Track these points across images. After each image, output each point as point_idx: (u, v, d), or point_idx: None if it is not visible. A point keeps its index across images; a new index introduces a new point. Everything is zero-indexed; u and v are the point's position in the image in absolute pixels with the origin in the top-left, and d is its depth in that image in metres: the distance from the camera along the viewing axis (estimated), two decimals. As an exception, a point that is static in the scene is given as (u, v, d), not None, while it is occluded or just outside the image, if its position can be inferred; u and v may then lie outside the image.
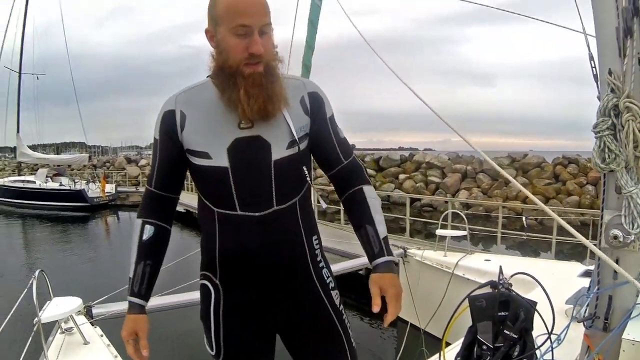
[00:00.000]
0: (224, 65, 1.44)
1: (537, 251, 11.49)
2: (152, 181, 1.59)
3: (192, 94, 1.54)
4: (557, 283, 3.79)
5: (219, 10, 1.43)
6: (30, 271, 10.39)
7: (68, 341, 3.03)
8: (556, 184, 21.75)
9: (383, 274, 1.51)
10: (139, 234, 1.57)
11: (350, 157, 1.67)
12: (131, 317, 1.54)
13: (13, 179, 28.37)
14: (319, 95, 1.62)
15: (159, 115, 1.54)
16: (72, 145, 69.67)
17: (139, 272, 1.55)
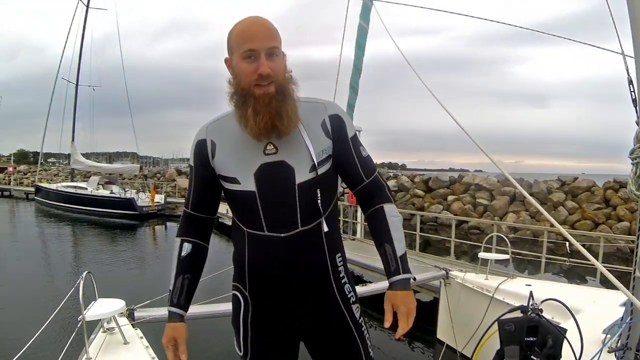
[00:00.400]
0: (238, 88, 1.57)
1: (584, 278, 11.15)
2: (189, 204, 1.76)
3: (221, 124, 1.68)
4: (597, 311, 3.71)
5: (232, 39, 1.58)
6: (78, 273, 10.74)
7: (109, 340, 3.15)
8: (606, 208, 21.00)
9: (396, 291, 1.57)
10: (178, 251, 1.73)
11: (372, 175, 1.72)
12: (171, 325, 1.67)
13: (66, 185, 29.38)
14: (339, 117, 1.68)
15: (193, 144, 1.70)
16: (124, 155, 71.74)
17: (177, 285, 1.69)
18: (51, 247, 17.14)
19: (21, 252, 15.33)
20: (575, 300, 4.00)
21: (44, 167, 47.68)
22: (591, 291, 4.90)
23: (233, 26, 1.59)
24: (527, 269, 12.15)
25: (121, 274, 12.08)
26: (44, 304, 8.05)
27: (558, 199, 22.37)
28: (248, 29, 1.54)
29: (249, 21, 1.56)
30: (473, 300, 5.39)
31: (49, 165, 61.18)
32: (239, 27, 1.56)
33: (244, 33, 1.54)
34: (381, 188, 1.74)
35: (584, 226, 19.95)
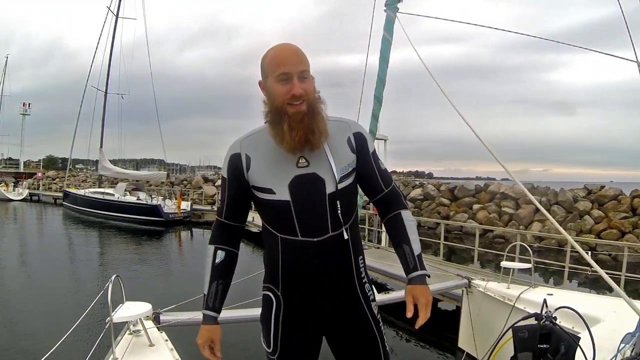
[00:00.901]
0: (272, 107, 1.72)
1: (609, 288, 10.97)
2: (223, 213, 1.89)
3: (254, 139, 1.81)
4: (617, 320, 3.70)
5: (265, 64, 1.74)
6: (105, 277, 10.92)
7: (135, 342, 3.25)
8: (633, 217, 20.58)
9: (416, 285, 1.77)
10: (212, 258, 1.85)
11: (390, 185, 1.93)
12: (207, 327, 1.83)
13: (93, 190, 29.82)
14: (362, 135, 1.87)
15: (226, 158, 1.82)
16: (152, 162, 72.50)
17: (212, 290, 1.84)
18: (79, 252, 17.45)
19: (50, 256, 15.61)
20: (596, 310, 3.99)
21: (72, 173, 48.51)
22: (612, 301, 4.87)
23: (266, 52, 1.75)
24: (552, 279, 12.03)
25: (147, 279, 12.27)
26: (72, 307, 8.25)
27: (584, 207, 22.04)
28: (281, 54, 1.71)
29: (281, 47, 1.73)
30: (494, 309, 5.39)
31: (77, 171, 62.21)
32: (272, 53, 1.73)
33: (278, 58, 1.70)
34: (398, 196, 1.94)
35: (610, 235, 19.62)
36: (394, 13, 4.56)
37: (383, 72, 4.90)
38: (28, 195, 41.30)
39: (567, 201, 22.71)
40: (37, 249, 17.83)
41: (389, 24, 4.64)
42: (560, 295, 4.98)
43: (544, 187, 25.33)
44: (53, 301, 9.44)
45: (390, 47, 4.79)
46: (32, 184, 46.50)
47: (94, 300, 3.46)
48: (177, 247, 20.40)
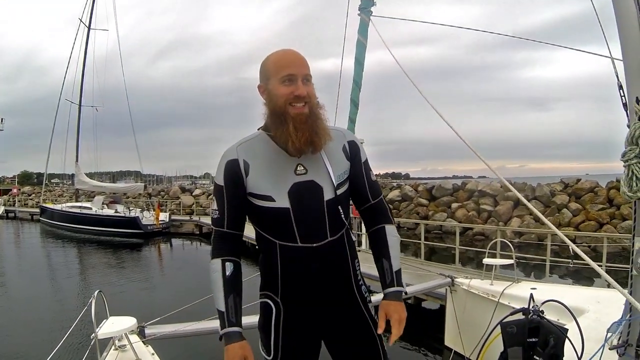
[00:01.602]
0: (274, 108, 1.72)
1: (590, 279, 11.15)
2: (224, 223, 1.80)
3: (251, 145, 1.80)
4: (601, 310, 3.75)
5: (268, 66, 1.76)
6: (87, 292, 10.79)
7: (121, 357, 3.20)
8: (610, 208, 20.94)
9: (390, 301, 1.79)
10: (222, 272, 1.75)
11: (378, 197, 1.94)
12: (236, 345, 1.69)
13: (70, 205, 29.44)
14: (356, 144, 1.91)
15: (222, 164, 1.78)
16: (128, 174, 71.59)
17: (231, 305, 1.72)
18: (59, 268, 17.18)
19: (29, 274, 15.40)
20: (579, 301, 4.04)
21: (49, 188, 47.82)
22: (595, 292, 4.93)
23: (267, 57, 1.78)
24: (533, 273, 12.16)
25: (130, 292, 12.14)
26: (56, 324, 8.12)
27: (562, 201, 22.35)
28: (286, 57, 1.74)
29: (285, 51, 1.77)
30: (479, 306, 5.42)
31: (53, 185, 61.30)
32: (276, 56, 1.76)
33: (282, 61, 1.73)
34: (384, 210, 1.95)
35: (589, 227, 19.92)
36: (368, 17, 4.57)
37: (358, 75, 4.91)
38: (4, 212, 40.59)
39: (545, 196, 23.02)
40: (16, 267, 17.55)
41: (363, 27, 4.65)
42: (544, 288, 5.03)
43: (521, 183, 25.66)
44: (35, 319, 9.30)
45: (365, 50, 4.80)
46: (7, 200, 45.71)
47: (77, 317, 3.41)
48: (157, 258, 20.26)
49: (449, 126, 2.62)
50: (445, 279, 5.99)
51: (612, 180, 22.40)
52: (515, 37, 3.48)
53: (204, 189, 43.14)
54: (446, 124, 2.64)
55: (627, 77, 2.05)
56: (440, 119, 2.66)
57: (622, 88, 2.09)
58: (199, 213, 30.50)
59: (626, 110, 2.06)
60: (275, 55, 1.77)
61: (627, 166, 1.93)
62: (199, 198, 36.93)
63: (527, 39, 3.29)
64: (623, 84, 2.08)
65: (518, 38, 3.50)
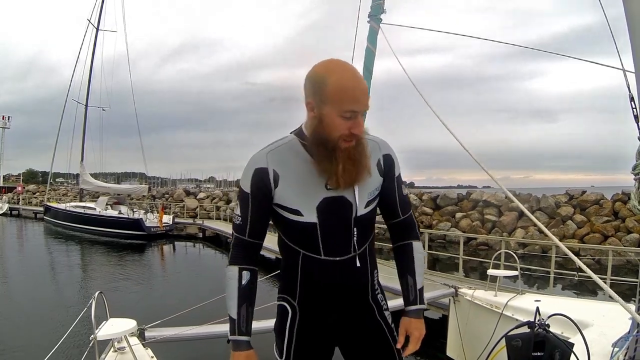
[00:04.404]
0: (325, 138, 1.60)
1: (594, 291, 11.09)
2: (246, 232, 1.73)
3: (282, 153, 1.70)
4: (606, 324, 3.70)
5: (328, 91, 1.56)
6: (88, 293, 10.79)
7: (120, 359, 3.18)
8: (615, 221, 20.86)
9: (412, 318, 1.81)
10: (238, 280, 1.72)
11: (407, 213, 1.90)
12: (245, 354, 1.70)
13: (74, 205, 29.49)
14: (391, 157, 1.83)
15: (250, 171, 1.69)
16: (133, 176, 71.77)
17: (243, 314, 1.71)
18: (61, 267, 17.26)
19: (31, 272, 15.42)
20: (584, 315, 3.99)
21: (53, 187, 47.95)
22: (600, 305, 4.89)
23: (327, 74, 1.59)
24: (537, 284, 12.09)
25: (131, 294, 12.14)
26: (56, 323, 8.12)
27: (566, 212, 22.28)
28: (354, 91, 1.57)
29: (353, 80, 1.59)
30: (482, 317, 5.38)
31: (58, 185, 61.50)
32: (341, 82, 1.57)
33: (350, 94, 1.56)
34: (412, 226, 1.92)
35: (593, 239, 19.83)
36: (378, 24, 4.56)
37: (368, 83, 4.89)
38: (8, 210, 40.78)
39: (550, 207, 22.93)
40: (19, 265, 17.60)
41: (373, 35, 4.63)
42: (549, 301, 4.99)
43: (525, 194, 25.57)
44: (36, 318, 9.30)
45: (374, 58, 4.78)
46: (12, 198, 45.93)
47: (77, 318, 3.39)
48: (159, 261, 20.28)
49: (453, 136, 2.59)
50: (449, 289, 5.96)
51: (618, 192, 22.30)
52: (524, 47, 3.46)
53: (208, 193, 43.23)
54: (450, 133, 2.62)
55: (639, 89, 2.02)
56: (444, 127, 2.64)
57: (634, 100, 2.06)
58: (202, 216, 30.55)
59: (637, 122, 2.04)
60: (340, 80, 1.57)
61: (637, 179, 1.91)
62: (203, 201, 37.02)
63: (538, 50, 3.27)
64: (635, 96, 2.06)
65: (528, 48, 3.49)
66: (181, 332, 3.83)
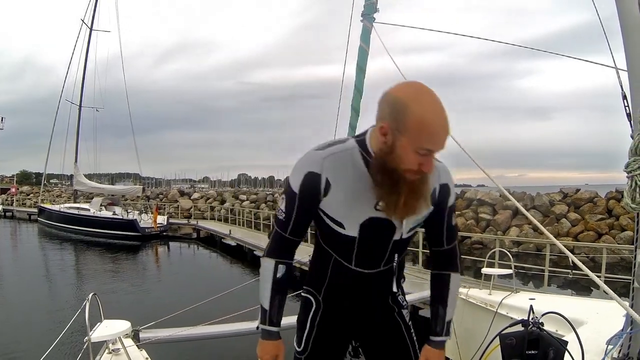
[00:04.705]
0: (392, 168, 1.51)
1: (588, 289, 11.12)
2: (288, 229, 1.73)
3: (340, 161, 1.62)
4: (600, 322, 3.71)
5: (409, 123, 1.43)
6: (82, 294, 10.76)
7: (114, 361, 3.17)
8: (609, 219, 20.97)
9: (434, 349, 1.82)
10: (273, 273, 1.75)
11: (452, 243, 1.85)
12: (273, 343, 1.77)
13: (69, 206, 29.37)
14: (447, 187, 1.76)
15: (302, 171, 1.63)
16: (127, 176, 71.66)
17: (275, 305, 1.75)
18: (55, 269, 17.20)
19: (25, 274, 15.36)
20: (578, 313, 4.00)
21: (47, 188, 47.79)
22: (594, 303, 4.90)
23: (411, 102, 1.44)
24: (532, 282, 12.13)
25: (125, 295, 12.11)
26: (50, 325, 8.09)
27: (561, 211, 22.37)
28: (437, 129, 1.45)
29: (439, 118, 1.45)
30: (477, 316, 5.39)
31: (52, 186, 61.28)
32: (426, 116, 1.43)
33: (431, 132, 1.44)
34: (455, 256, 1.87)
35: (587, 237, 19.91)
36: (371, 23, 4.55)
37: (360, 82, 4.87)
38: (2, 211, 40.59)
39: (544, 205, 23.03)
40: (13, 267, 17.50)
41: (366, 34, 4.62)
42: (543, 299, 4.99)
43: (520, 193, 25.66)
44: (29, 320, 9.27)
45: (367, 57, 4.78)
46: (5, 199, 45.69)
47: (71, 319, 3.38)
48: (154, 262, 20.22)
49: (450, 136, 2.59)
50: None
51: (612, 190, 22.40)
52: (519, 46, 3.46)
53: (203, 193, 43.17)
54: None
55: (632, 88, 2.03)
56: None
57: (627, 98, 2.07)
58: (197, 217, 30.50)
59: (630, 120, 2.04)
60: (424, 113, 1.43)
61: (630, 177, 1.91)
62: (197, 202, 37.00)
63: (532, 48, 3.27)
64: (627, 95, 2.07)
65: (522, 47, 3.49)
66: (175, 333, 3.82)
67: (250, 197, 39.59)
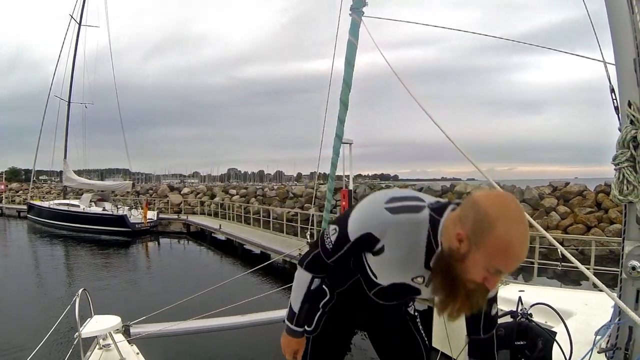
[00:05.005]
0: (457, 275, 1.48)
1: (577, 281, 11.21)
2: (331, 259, 1.77)
3: (402, 233, 1.60)
4: (589, 313, 3.74)
5: (489, 242, 1.38)
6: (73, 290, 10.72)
7: (105, 356, 3.16)
8: (598, 212, 21.08)
9: None
10: (309, 284, 1.88)
11: (489, 332, 1.83)
12: (297, 340, 1.99)
13: (58, 202, 29.12)
14: (493, 299, 1.78)
15: (364, 227, 1.63)
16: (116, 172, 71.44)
17: (304, 310, 1.93)
18: (45, 265, 17.07)
19: (16, 271, 15.26)
20: (567, 304, 4.04)
21: (36, 185, 47.45)
22: (583, 294, 4.94)
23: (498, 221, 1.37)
24: (521, 275, 12.20)
25: (115, 291, 12.06)
26: (40, 321, 8.04)
27: (550, 204, 22.49)
28: (515, 255, 1.38)
29: (520, 245, 1.38)
30: (467, 308, 5.41)
31: (41, 182, 60.84)
32: (508, 240, 1.37)
33: (508, 256, 1.39)
34: (491, 346, 1.85)
35: (577, 230, 20.02)
36: (360, 17, 4.55)
37: (348, 76, 4.89)
38: (-10, 209, 40.25)
39: (534, 199, 23.13)
40: (2, 263, 17.37)
41: (354, 28, 4.63)
42: (532, 291, 5.02)
43: (510, 186, 25.77)
44: (20, 316, 9.22)
45: (356, 51, 4.79)
46: (-6, 197, 45.33)
47: (61, 315, 3.37)
48: (144, 257, 20.16)
49: (439, 128, 2.60)
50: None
51: (601, 184, 22.53)
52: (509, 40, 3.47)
53: (193, 188, 43.01)
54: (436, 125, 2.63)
55: (619, 81, 2.05)
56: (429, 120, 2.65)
57: (614, 92, 2.08)
58: (187, 212, 30.40)
59: (618, 113, 2.06)
60: (507, 236, 1.36)
61: (618, 169, 1.93)
62: (187, 197, 36.87)
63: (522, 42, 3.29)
64: (615, 88, 2.08)
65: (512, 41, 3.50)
66: (166, 328, 3.82)
67: (240, 191, 39.54)
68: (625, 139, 1.91)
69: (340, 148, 5.50)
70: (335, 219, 1.80)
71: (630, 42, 1.97)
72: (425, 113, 2.74)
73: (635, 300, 1.98)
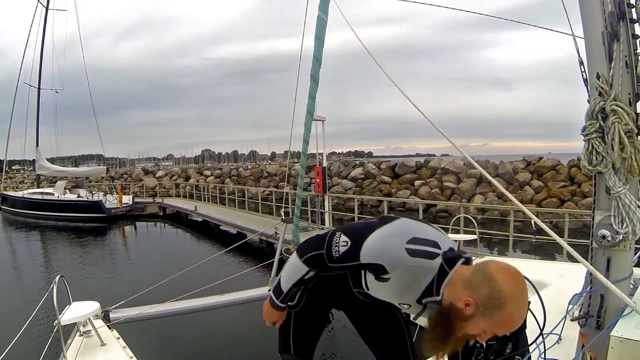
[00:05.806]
0: (455, 329, 1.55)
1: (552, 254, 11.43)
2: (333, 264, 1.81)
3: (410, 274, 1.64)
4: (563, 283, 3.83)
5: (497, 317, 1.47)
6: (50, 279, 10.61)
7: (86, 343, 3.15)
8: (571, 186, 21.51)
9: None
10: (303, 275, 1.92)
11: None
12: (280, 313, 2.09)
13: (32, 191, 28.71)
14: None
15: (376, 257, 1.66)
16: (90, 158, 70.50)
17: (291, 292, 2.00)
18: (21, 255, 16.94)
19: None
20: (542, 275, 4.13)
21: (9, 175, 46.61)
22: (557, 265, 5.05)
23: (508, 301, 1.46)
24: (497, 248, 12.41)
25: (94, 277, 12.02)
26: (18, 311, 7.98)
27: (524, 178, 22.83)
28: (512, 327, 1.53)
29: (518, 321, 1.53)
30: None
31: (14, 172, 59.80)
32: (512, 317, 1.49)
33: (507, 327, 1.52)
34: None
35: (550, 204, 20.39)
36: (329, -8, 4.53)
37: (318, 52, 4.88)
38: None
39: (508, 173, 23.45)
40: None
41: (324, 4, 4.61)
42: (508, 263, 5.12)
43: (484, 161, 26.06)
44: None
45: (325, 27, 4.77)
46: (-36, 188, 44.41)
47: (39, 304, 3.34)
48: (121, 242, 20.08)
49: (413, 105, 2.61)
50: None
51: (574, 158, 22.87)
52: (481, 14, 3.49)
53: (167, 171, 42.72)
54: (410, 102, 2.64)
55: (588, 54, 2.07)
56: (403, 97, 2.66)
57: (583, 64, 2.11)
58: (162, 195, 30.26)
59: (587, 85, 2.09)
60: (512, 315, 1.48)
61: (587, 140, 1.97)
62: (162, 180, 36.66)
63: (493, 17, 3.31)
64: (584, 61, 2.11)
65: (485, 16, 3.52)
66: (145, 311, 3.82)
67: (215, 172, 39.69)
68: (594, 110, 1.95)
69: (311, 124, 5.54)
70: (351, 231, 1.79)
71: (599, 15, 2.00)
72: (399, 90, 2.74)
73: (606, 269, 2.03)
